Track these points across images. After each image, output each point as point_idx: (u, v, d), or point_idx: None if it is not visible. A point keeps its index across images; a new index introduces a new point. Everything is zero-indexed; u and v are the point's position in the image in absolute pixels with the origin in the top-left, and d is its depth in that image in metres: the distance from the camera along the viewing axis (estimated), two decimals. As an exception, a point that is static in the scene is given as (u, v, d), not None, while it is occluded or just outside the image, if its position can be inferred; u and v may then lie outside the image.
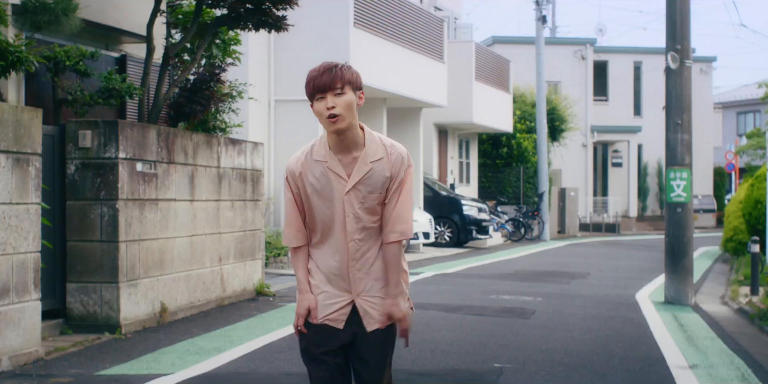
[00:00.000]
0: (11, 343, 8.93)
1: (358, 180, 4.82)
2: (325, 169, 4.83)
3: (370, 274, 4.87)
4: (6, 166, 8.79)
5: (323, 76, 4.75)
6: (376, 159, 4.86)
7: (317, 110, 4.78)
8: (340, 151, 4.84)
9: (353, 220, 4.84)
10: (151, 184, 11.54)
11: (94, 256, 10.85)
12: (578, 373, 9.31)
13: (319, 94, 4.75)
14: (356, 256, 4.85)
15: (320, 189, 4.84)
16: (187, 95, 13.10)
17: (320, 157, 4.86)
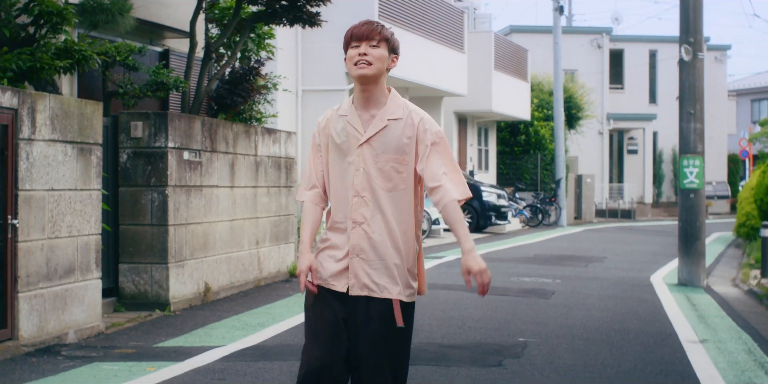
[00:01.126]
0: (76, 318, 9.74)
1: (372, 135, 4.84)
2: (345, 122, 4.90)
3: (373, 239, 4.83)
4: (72, 155, 9.59)
5: (363, 26, 4.85)
6: (393, 117, 4.88)
7: (349, 56, 4.85)
8: (362, 106, 4.90)
9: (363, 175, 4.85)
10: (196, 171, 12.34)
11: (145, 238, 11.66)
12: (597, 346, 10.06)
13: (355, 42, 4.83)
14: (359, 214, 4.84)
15: (339, 143, 4.90)
16: (228, 87, 13.89)
17: (343, 112, 4.93)
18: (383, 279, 4.82)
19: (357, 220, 4.83)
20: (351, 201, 4.84)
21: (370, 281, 4.81)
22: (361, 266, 4.82)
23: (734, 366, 9.15)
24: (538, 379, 8.35)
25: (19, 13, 9.72)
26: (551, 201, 36.57)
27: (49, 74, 9.44)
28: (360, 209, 4.83)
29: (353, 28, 4.84)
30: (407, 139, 4.86)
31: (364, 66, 4.76)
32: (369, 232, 4.83)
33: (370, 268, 4.82)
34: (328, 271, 4.85)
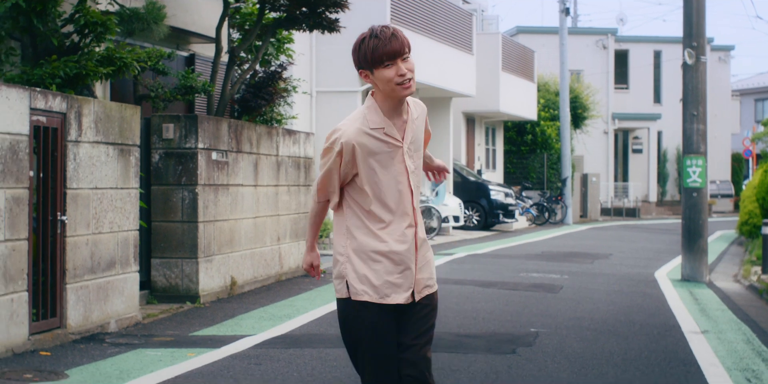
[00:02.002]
0: (117, 309, 10.40)
1: (409, 141, 4.84)
2: (383, 135, 4.77)
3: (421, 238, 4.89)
4: (113, 156, 10.25)
5: (392, 42, 4.69)
6: (415, 117, 4.90)
7: (384, 77, 4.71)
8: (394, 115, 4.81)
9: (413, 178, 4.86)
10: (223, 171, 12.99)
11: (176, 234, 12.32)
12: (604, 336, 10.69)
13: (388, 60, 4.69)
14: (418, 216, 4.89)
15: (381, 156, 4.78)
16: (252, 91, 14.55)
17: (376, 125, 4.79)
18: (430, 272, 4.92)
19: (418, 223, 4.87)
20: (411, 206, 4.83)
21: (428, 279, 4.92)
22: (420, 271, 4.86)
23: (733, 354, 9.76)
24: (550, 365, 8.97)
25: (65, 23, 10.36)
26: (557, 199, 37.11)
27: (92, 80, 10.10)
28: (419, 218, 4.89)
29: (382, 46, 4.68)
30: (422, 130, 4.98)
31: (409, 85, 4.73)
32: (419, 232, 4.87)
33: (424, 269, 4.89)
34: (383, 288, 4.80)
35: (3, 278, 8.49)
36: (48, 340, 9.16)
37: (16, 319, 8.70)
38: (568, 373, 8.64)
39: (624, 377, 8.53)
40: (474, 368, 8.71)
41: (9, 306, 8.59)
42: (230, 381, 7.94)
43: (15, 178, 8.64)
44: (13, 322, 8.65)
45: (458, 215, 27.73)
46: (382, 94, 4.79)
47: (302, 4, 14.54)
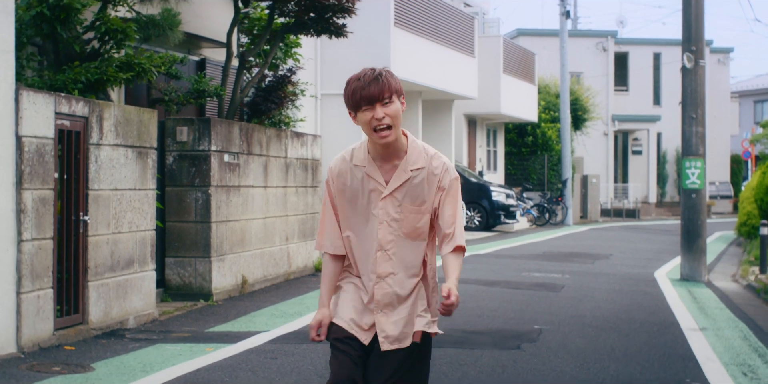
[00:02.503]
0: (135, 306, 10.77)
1: (396, 187, 4.67)
2: (363, 174, 4.70)
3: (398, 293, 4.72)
4: (131, 158, 10.62)
5: (371, 86, 4.56)
6: (417, 167, 4.69)
7: (363, 120, 4.61)
8: (380, 157, 4.70)
9: (387, 228, 4.70)
10: (235, 172, 13.36)
11: (190, 234, 12.69)
12: (605, 333, 11.06)
13: (366, 105, 4.58)
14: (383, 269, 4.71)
15: (355, 194, 4.73)
16: (263, 95, 14.91)
17: (359, 162, 4.72)
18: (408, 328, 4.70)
19: (381, 275, 4.69)
20: (374, 255, 4.69)
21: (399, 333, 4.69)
22: (387, 321, 4.69)
23: (730, 350, 10.13)
24: (553, 359, 9.34)
25: (86, 30, 10.73)
26: (558, 201, 37.39)
27: (112, 85, 10.47)
28: (384, 264, 4.69)
29: (360, 89, 4.57)
30: (429, 188, 4.70)
31: (386, 132, 4.58)
32: (393, 285, 4.70)
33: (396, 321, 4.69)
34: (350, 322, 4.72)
35: (30, 276, 8.86)
36: (71, 336, 9.53)
37: (42, 315, 9.07)
38: (571, 367, 9.00)
39: (625, 371, 8.89)
40: (481, 362, 9.07)
41: (35, 302, 8.96)
42: (249, 374, 8.30)
43: (41, 179, 9.01)
44: (39, 317, 9.02)
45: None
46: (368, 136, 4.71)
47: (310, 10, 14.88)
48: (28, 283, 8.83)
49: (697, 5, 17.97)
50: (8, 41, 8.64)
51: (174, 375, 8.12)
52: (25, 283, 8.80)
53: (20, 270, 8.76)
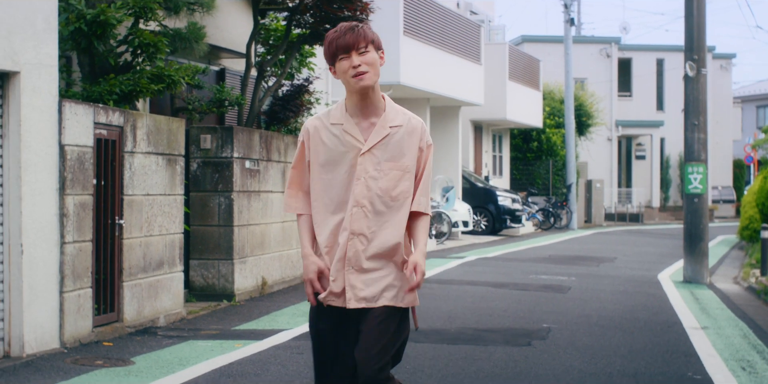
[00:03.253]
0: (165, 305, 11.35)
1: (375, 143, 4.74)
2: (341, 131, 4.74)
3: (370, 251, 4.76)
4: (162, 165, 11.20)
5: (346, 35, 4.66)
6: (395, 124, 4.78)
7: (340, 69, 4.69)
8: (359, 114, 4.76)
9: (364, 185, 4.73)
10: (255, 178, 13.93)
11: (213, 237, 13.26)
12: (611, 331, 11.61)
13: (342, 54, 4.66)
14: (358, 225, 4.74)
15: (332, 152, 4.76)
16: (281, 103, 15.49)
17: (336, 120, 4.77)
18: (381, 289, 4.74)
19: (355, 231, 4.73)
20: (350, 211, 4.71)
21: (368, 293, 4.73)
22: (358, 279, 4.73)
23: (730, 347, 10.68)
24: (562, 355, 9.89)
25: (120, 44, 11.31)
26: (562, 205, 37.92)
27: (144, 96, 11.05)
28: (360, 220, 4.73)
29: (335, 39, 4.70)
30: (409, 146, 4.80)
31: (363, 76, 4.64)
32: (367, 243, 4.74)
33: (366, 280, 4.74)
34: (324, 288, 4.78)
35: (71, 276, 9.44)
36: (108, 332, 10.11)
37: (83, 313, 9.65)
38: (579, 362, 9.55)
39: (631, 366, 9.44)
40: (494, 358, 9.63)
41: (76, 301, 9.54)
42: (279, 367, 8.87)
43: (82, 185, 9.59)
44: (80, 315, 9.60)
45: (467, 220, 28.64)
46: (347, 91, 4.77)
47: (325, 21, 15.43)
48: (69, 283, 9.41)
49: (698, 16, 18.53)
50: (52, 56, 9.22)
51: (210, 368, 8.69)
52: (67, 283, 9.38)
53: (63, 270, 9.34)
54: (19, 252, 8.86)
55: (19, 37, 8.85)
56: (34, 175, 8.99)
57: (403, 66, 23.41)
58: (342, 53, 4.65)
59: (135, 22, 11.18)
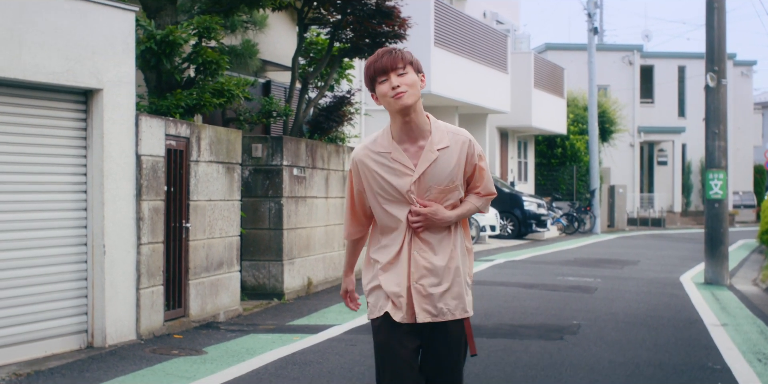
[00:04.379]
0: (224, 302, 12.29)
1: (424, 169, 4.73)
2: (390, 159, 4.74)
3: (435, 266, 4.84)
4: (222, 173, 12.15)
5: (383, 58, 4.67)
6: (442, 146, 4.74)
7: (381, 92, 4.69)
8: (406, 139, 4.75)
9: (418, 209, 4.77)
10: (302, 184, 14.87)
11: (264, 240, 14.20)
12: (636, 327, 12.48)
13: (381, 76, 4.67)
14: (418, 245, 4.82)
15: (383, 181, 4.76)
16: (324, 114, 16.44)
17: (383, 149, 4.76)
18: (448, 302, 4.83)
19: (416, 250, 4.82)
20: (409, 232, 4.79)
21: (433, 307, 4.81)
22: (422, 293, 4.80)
23: (748, 342, 11.54)
24: (593, 348, 10.77)
25: (185, 61, 12.26)
26: (586, 210, 38.53)
27: (207, 110, 12.01)
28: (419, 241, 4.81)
29: (374, 62, 4.73)
30: (457, 166, 4.78)
31: (402, 95, 4.63)
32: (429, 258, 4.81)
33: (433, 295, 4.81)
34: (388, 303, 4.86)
35: (146, 274, 10.40)
36: (177, 326, 11.06)
37: (156, 308, 10.60)
38: (608, 354, 10.43)
39: (656, 357, 10.32)
40: (530, 350, 10.52)
41: (150, 297, 10.49)
42: (337, 356, 9.79)
43: (155, 192, 10.55)
44: (153, 310, 10.55)
45: (495, 224, 29.47)
46: (390, 115, 4.78)
47: (365, 37, 16.37)
48: (145, 281, 10.37)
49: (719, 29, 19.38)
50: (130, 74, 10.18)
51: (276, 357, 9.62)
52: (142, 281, 10.33)
53: (139, 269, 10.29)
54: (102, 252, 9.82)
55: (102, 58, 9.81)
56: (115, 183, 9.95)
57: (434, 75, 24.35)
58: (381, 76, 4.66)
59: (198, 41, 12.12)
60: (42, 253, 9.44)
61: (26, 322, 9.22)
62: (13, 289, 9.11)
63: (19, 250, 9.19)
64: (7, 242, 9.07)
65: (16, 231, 9.18)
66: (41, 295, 9.39)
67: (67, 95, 9.68)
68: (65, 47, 9.36)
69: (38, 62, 9.04)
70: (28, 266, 9.27)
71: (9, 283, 9.06)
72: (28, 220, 9.31)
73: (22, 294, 9.19)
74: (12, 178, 9.15)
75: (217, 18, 12.10)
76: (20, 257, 9.19)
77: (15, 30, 8.79)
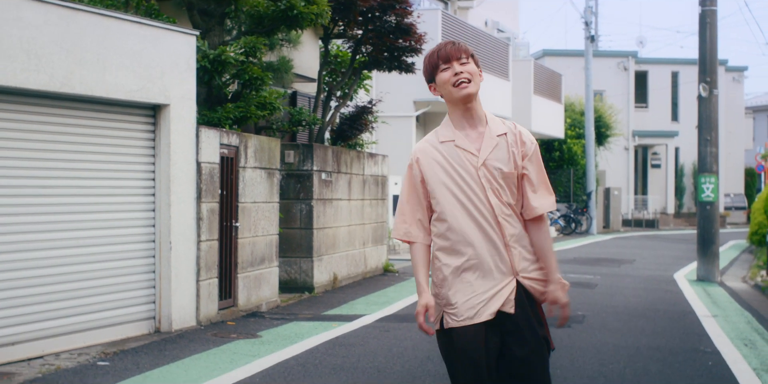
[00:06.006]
0: (265, 294, 13.64)
1: (488, 152, 4.70)
2: (453, 148, 4.71)
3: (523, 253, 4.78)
4: (264, 178, 13.50)
5: (447, 46, 4.73)
6: (501, 133, 4.74)
7: (443, 80, 4.70)
8: (466, 126, 4.74)
9: (494, 195, 4.69)
10: (329, 187, 16.22)
11: (295, 238, 15.54)
12: (635, 318, 13.85)
13: (444, 64, 4.70)
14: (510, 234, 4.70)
15: (451, 170, 4.70)
16: (348, 123, 17.79)
17: (446, 138, 4.75)
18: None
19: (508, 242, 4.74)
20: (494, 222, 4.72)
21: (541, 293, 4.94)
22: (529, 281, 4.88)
23: (736, 330, 12.90)
24: (597, 334, 12.13)
25: (232, 77, 13.59)
26: (583, 211, 39.76)
27: (252, 121, 13.36)
28: (509, 229, 4.73)
29: (438, 51, 4.76)
30: (513, 152, 4.75)
31: (466, 84, 4.67)
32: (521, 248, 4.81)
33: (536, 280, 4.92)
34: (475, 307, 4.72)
35: (205, 267, 11.75)
36: (228, 314, 12.42)
37: (211, 298, 11.96)
38: (612, 339, 11.80)
39: (654, 342, 11.68)
40: (543, 336, 11.87)
41: (207, 288, 11.85)
42: (375, 340, 11.15)
43: (212, 195, 11.91)
44: (209, 300, 11.91)
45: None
46: (449, 104, 4.80)
47: (384, 50, 17.71)
48: (203, 273, 11.73)
49: (711, 42, 20.74)
50: (191, 91, 11.53)
51: (322, 340, 10.98)
52: (201, 273, 11.69)
53: (199, 263, 11.65)
54: (168, 248, 11.18)
55: (169, 77, 11.17)
56: (179, 187, 11.30)
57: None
58: (443, 63, 4.71)
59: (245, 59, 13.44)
60: (117, 248, 10.78)
61: (104, 309, 10.56)
62: (93, 280, 10.45)
63: (98, 245, 10.53)
64: (87, 239, 10.40)
65: (95, 229, 10.52)
66: (117, 286, 10.74)
67: (139, 110, 11.03)
68: (139, 68, 10.72)
69: (118, 82, 10.39)
70: (105, 260, 10.61)
71: (89, 275, 10.39)
72: (105, 220, 10.65)
73: (100, 285, 10.53)
74: (91, 182, 10.49)
75: (262, 39, 13.44)
76: (98, 252, 10.53)
77: (100, 54, 10.14)
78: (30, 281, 9.60)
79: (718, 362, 10.34)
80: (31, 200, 9.68)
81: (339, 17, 16.69)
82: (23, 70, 9.18)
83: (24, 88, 9.27)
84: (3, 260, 9.30)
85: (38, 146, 9.73)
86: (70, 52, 9.74)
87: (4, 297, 9.28)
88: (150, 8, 13.09)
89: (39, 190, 9.77)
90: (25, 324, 9.51)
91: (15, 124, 9.48)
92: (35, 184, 9.73)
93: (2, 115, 9.33)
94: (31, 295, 9.60)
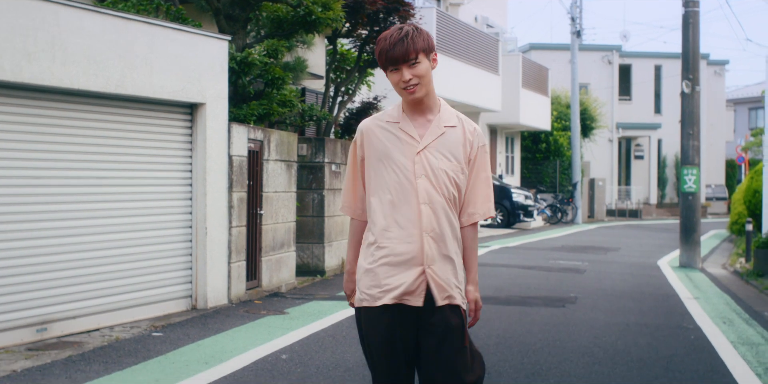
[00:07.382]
0: (284, 277, 14.83)
1: (430, 141, 4.63)
2: (397, 129, 4.65)
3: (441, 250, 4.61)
4: (283, 169, 14.67)
5: (395, 48, 4.53)
6: (449, 125, 4.69)
7: (392, 80, 4.63)
8: (415, 112, 4.67)
9: (426, 182, 4.60)
10: (337, 178, 17.40)
11: (308, 225, 16.72)
12: (623, 299, 15.08)
13: (391, 66, 4.58)
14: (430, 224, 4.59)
15: (389, 151, 4.63)
16: (354, 117, 18.94)
17: (392, 119, 4.70)
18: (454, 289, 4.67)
19: (427, 229, 4.60)
20: (418, 209, 4.60)
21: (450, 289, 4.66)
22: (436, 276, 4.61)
23: (715, 310, 14.14)
24: (590, 313, 13.35)
25: (257, 77, 14.71)
26: (568, 201, 40.98)
27: (273, 117, 14.52)
28: (430, 218, 4.60)
29: (386, 52, 4.58)
30: (460, 145, 4.69)
31: (414, 88, 4.59)
32: (438, 242, 4.62)
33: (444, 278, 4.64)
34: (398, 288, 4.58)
35: (235, 251, 12.94)
36: (254, 294, 13.61)
37: (240, 279, 13.14)
38: (603, 317, 13.02)
39: (641, 319, 12.91)
40: (541, 313, 13.10)
41: (237, 270, 13.03)
42: (391, 316, 12.33)
43: (241, 185, 13.09)
44: (238, 280, 13.09)
45: (487, 214, 31.81)
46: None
47: (388, 50, 18.82)
48: (234, 256, 12.91)
49: (693, 42, 21.97)
50: (224, 90, 12.70)
51: (344, 316, 12.16)
52: (232, 256, 12.87)
53: (230, 247, 12.83)
54: (204, 233, 12.35)
55: (205, 78, 12.33)
56: (214, 177, 12.47)
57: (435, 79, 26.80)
58: (391, 66, 4.60)
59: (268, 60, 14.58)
60: (159, 234, 11.94)
61: (148, 288, 11.73)
62: (137, 262, 11.61)
63: (140, 231, 11.69)
64: (131, 225, 11.56)
65: (138, 216, 11.67)
66: (158, 267, 11.91)
67: (179, 108, 12.20)
68: (180, 71, 11.88)
69: (163, 83, 11.56)
70: (148, 244, 11.78)
71: (134, 257, 11.56)
72: (147, 208, 11.81)
73: (143, 266, 11.69)
74: (138, 174, 11.64)
75: (283, 41, 14.61)
76: (141, 237, 11.69)
77: (147, 59, 11.30)
78: (86, 262, 10.76)
79: (699, 336, 11.57)
80: (88, 190, 10.83)
81: (347, 19, 17.82)
82: (85, 74, 10.33)
83: (86, 90, 10.42)
84: (62, 243, 10.45)
85: (95, 141, 10.89)
86: (122, 57, 10.89)
87: (67, 276, 10.44)
88: (178, 13, 14.20)
89: (96, 181, 10.92)
90: (84, 300, 10.68)
91: (78, 122, 10.64)
92: (94, 175, 10.88)
93: (69, 114, 10.48)
94: (88, 274, 10.77)
